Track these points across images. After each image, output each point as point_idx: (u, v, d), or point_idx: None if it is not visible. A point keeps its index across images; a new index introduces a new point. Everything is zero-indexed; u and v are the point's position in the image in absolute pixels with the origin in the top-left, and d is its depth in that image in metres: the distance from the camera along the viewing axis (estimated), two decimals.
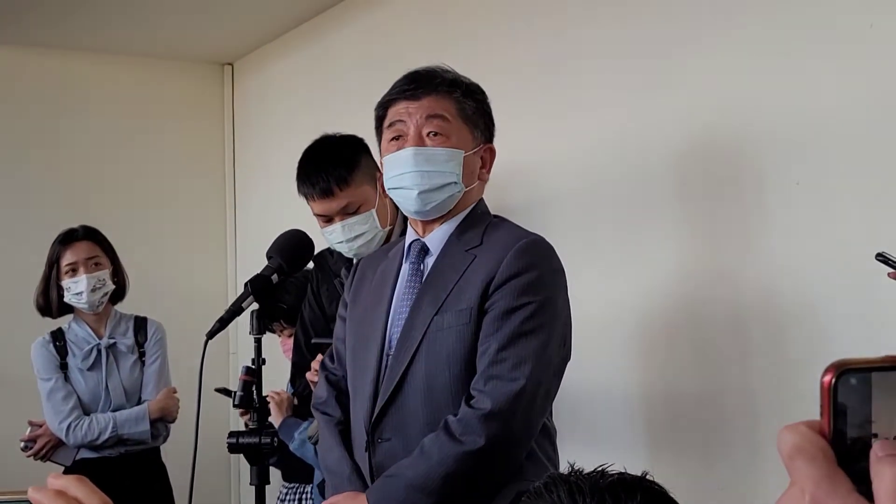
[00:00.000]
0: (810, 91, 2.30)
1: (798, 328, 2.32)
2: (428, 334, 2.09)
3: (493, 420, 1.97)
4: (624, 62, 2.77)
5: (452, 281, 2.10)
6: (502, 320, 2.03)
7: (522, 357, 2.00)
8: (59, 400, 3.45)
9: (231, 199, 4.95)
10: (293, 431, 2.99)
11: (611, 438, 2.82)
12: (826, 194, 2.26)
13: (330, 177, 2.60)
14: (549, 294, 2.06)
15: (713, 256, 2.54)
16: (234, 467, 4.74)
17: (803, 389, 2.31)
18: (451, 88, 2.14)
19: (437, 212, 2.15)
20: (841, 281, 2.24)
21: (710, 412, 2.55)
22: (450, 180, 2.11)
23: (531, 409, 2.02)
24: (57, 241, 3.50)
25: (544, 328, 2.03)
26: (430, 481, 2.00)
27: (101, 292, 3.48)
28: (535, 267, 2.05)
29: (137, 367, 3.55)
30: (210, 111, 4.96)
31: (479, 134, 2.16)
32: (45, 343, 3.52)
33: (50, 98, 4.61)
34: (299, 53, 4.42)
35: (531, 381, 1.99)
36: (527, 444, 2.05)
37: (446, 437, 2.00)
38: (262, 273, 2.44)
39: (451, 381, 2.06)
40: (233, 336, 4.56)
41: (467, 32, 3.36)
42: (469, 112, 2.14)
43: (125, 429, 3.43)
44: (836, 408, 0.63)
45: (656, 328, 2.69)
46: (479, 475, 2.01)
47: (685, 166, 2.61)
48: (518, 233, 2.13)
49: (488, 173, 2.20)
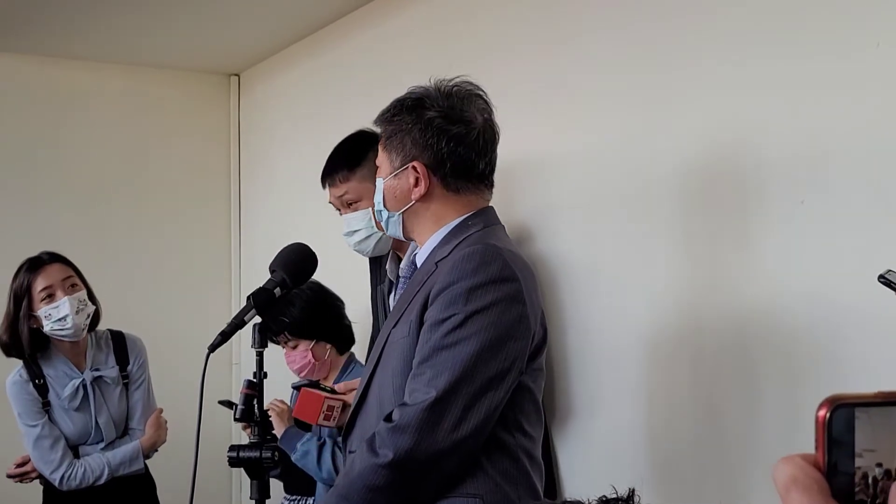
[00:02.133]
0: (816, 108, 2.29)
1: (801, 344, 2.31)
2: (386, 347, 2.15)
3: (401, 433, 1.99)
4: (630, 75, 2.77)
5: (412, 294, 2.13)
6: (430, 332, 2.04)
7: (440, 370, 2.00)
8: (47, 449, 3.26)
9: (236, 209, 4.95)
10: (295, 442, 2.99)
11: (610, 450, 2.81)
12: (830, 213, 2.25)
13: (335, 166, 2.80)
14: (481, 304, 2.01)
15: (716, 270, 2.53)
16: (236, 481, 4.73)
17: (805, 404, 2.30)
18: (384, 116, 2.21)
19: (394, 236, 2.28)
20: (845, 300, 2.23)
21: (711, 425, 2.54)
22: (378, 209, 2.22)
23: (445, 422, 1.99)
24: (22, 269, 3.26)
25: (470, 339, 2.00)
26: (353, 492, 2.05)
27: (85, 314, 3.26)
28: (468, 277, 2.02)
29: (124, 395, 3.39)
30: (216, 122, 4.97)
31: (396, 156, 2.17)
32: (22, 383, 3.27)
33: (54, 107, 4.61)
34: (306, 65, 4.42)
35: (444, 394, 1.98)
36: (451, 456, 2.01)
37: (367, 449, 2.04)
38: (264, 286, 2.44)
39: (394, 394, 2.10)
40: (235, 347, 4.55)
41: (473, 44, 3.36)
42: (387, 136, 2.19)
43: (120, 471, 3.31)
44: (831, 441, 0.64)
45: (658, 340, 2.68)
46: (397, 487, 2.02)
47: (690, 180, 2.60)
48: (475, 241, 2.10)
49: (422, 190, 2.15)
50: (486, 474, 2.06)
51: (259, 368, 2.47)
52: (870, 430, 0.66)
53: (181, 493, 2.53)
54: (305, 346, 3.12)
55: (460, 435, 2.00)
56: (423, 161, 2.14)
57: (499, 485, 2.06)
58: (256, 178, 4.84)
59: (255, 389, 2.46)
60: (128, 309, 4.18)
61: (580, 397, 2.88)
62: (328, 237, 2.88)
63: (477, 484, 2.05)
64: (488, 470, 2.06)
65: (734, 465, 2.47)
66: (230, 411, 2.80)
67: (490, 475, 2.06)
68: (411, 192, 2.16)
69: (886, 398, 0.66)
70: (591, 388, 2.86)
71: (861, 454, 0.65)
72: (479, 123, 2.16)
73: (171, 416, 3.55)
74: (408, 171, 2.15)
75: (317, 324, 3.12)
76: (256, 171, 4.85)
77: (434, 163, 2.14)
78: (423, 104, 2.15)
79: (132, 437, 3.41)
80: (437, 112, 2.14)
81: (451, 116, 2.14)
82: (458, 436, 2.00)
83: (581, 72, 2.94)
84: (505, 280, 2.05)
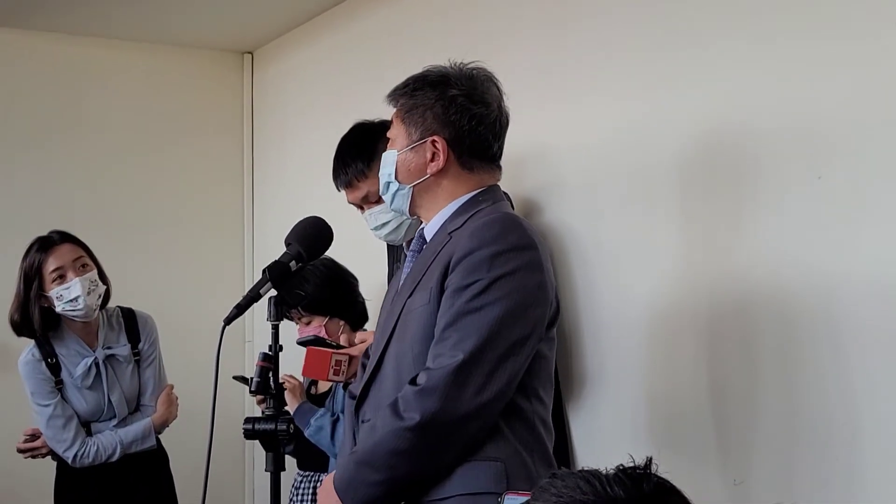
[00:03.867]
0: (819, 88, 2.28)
1: (810, 323, 2.31)
2: (402, 317, 2.16)
3: (428, 396, 2.01)
4: (637, 54, 2.77)
5: (427, 264, 2.15)
6: (453, 298, 2.06)
7: (465, 334, 2.02)
8: (60, 428, 3.29)
9: (249, 186, 4.96)
10: (308, 417, 3.00)
11: (615, 428, 2.82)
12: (832, 191, 2.25)
13: (349, 169, 2.74)
14: (504, 270, 2.05)
15: (719, 244, 2.54)
16: (249, 453, 4.76)
17: (812, 385, 2.31)
18: (404, 90, 2.22)
19: (399, 210, 2.28)
20: (843, 277, 2.23)
21: (714, 396, 2.54)
22: (385, 181, 2.23)
23: (470, 385, 2.01)
24: (33, 249, 3.26)
25: (494, 305, 2.03)
26: (376, 457, 2.06)
27: (97, 294, 3.27)
28: (490, 244, 2.06)
29: (136, 372, 3.41)
30: (230, 100, 4.97)
31: (416, 130, 2.18)
32: (35, 363, 3.29)
33: (67, 84, 4.61)
34: (320, 42, 4.42)
35: (471, 357, 2.01)
36: (475, 420, 2.04)
37: (390, 414, 2.05)
38: (280, 260, 2.45)
39: (414, 362, 2.11)
40: (248, 323, 4.57)
41: (487, 22, 3.36)
42: (407, 110, 2.20)
43: (132, 448, 3.34)
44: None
45: (664, 319, 2.69)
46: (422, 451, 2.04)
47: (694, 157, 2.61)
48: (490, 212, 2.15)
49: (438, 165, 2.17)
50: (505, 439, 2.08)
51: (274, 342, 2.49)
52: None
53: (196, 467, 2.55)
54: (319, 323, 3.13)
55: (484, 398, 2.02)
56: (443, 136, 2.17)
57: (517, 450, 2.09)
58: (270, 155, 4.85)
59: (270, 362, 2.48)
60: (142, 285, 4.21)
61: (589, 368, 2.90)
62: (342, 214, 2.88)
63: (498, 448, 2.07)
64: (508, 435, 2.09)
65: (737, 434, 2.48)
66: (244, 386, 2.83)
67: (510, 440, 2.09)
68: (427, 167, 2.19)
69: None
70: (598, 359, 2.87)
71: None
72: (496, 107, 2.22)
73: (184, 390, 3.57)
74: (426, 146, 2.18)
75: (330, 300, 3.12)
76: (270, 149, 4.86)
77: (454, 139, 2.18)
78: (447, 81, 2.19)
79: (144, 414, 3.43)
80: (460, 91, 2.18)
81: (472, 97, 2.19)
82: (481, 399, 2.02)
83: (586, 52, 2.94)
84: (525, 248, 2.09)
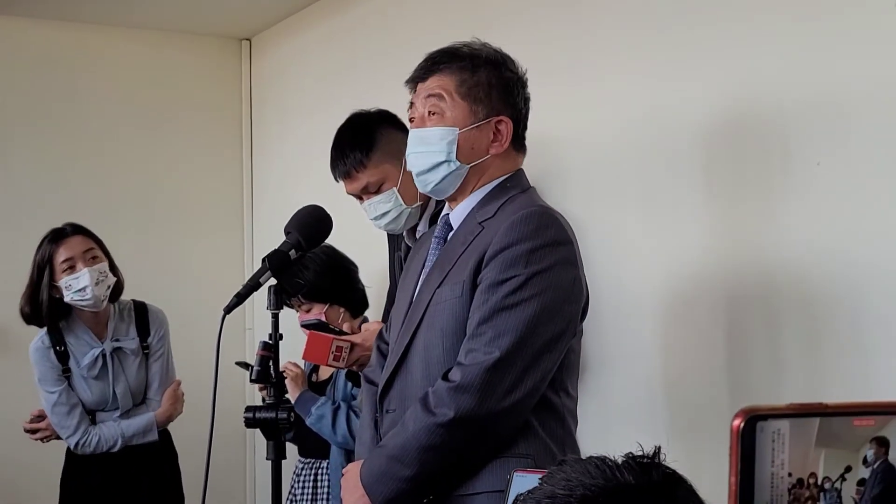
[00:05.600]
0: (838, 66, 2.27)
1: (832, 309, 2.30)
2: (430, 307, 2.12)
3: (463, 393, 1.99)
4: (650, 37, 2.76)
5: (458, 254, 2.12)
6: (488, 293, 2.03)
7: (502, 330, 2.00)
8: (64, 415, 3.36)
9: (248, 174, 4.95)
10: (310, 406, 3.00)
11: (631, 416, 2.82)
12: (852, 170, 2.24)
13: (347, 160, 2.69)
14: (541, 267, 2.03)
15: (737, 234, 2.53)
16: (250, 442, 4.76)
17: (829, 368, 2.30)
18: (460, 63, 2.14)
19: (441, 192, 2.19)
20: (865, 255, 2.22)
21: (734, 391, 2.54)
22: (440, 160, 2.12)
23: (505, 383, 2.00)
24: (45, 240, 3.35)
25: (531, 301, 2.01)
26: (406, 452, 2.04)
27: (105, 285, 3.33)
28: (527, 239, 2.03)
29: (143, 366, 3.46)
30: (227, 87, 4.95)
31: (482, 108, 2.12)
32: (44, 350, 3.37)
33: (64, 71, 4.59)
34: (319, 29, 4.40)
35: (507, 355, 1.99)
36: (508, 417, 2.03)
37: (422, 409, 2.03)
38: (280, 248, 2.44)
39: (444, 354, 2.09)
40: (248, 312, 4.57)
41: (493, 6, 3.34)
42: (469, 87, 2.12)
43: (133, 441, 3.39)
44: (744, 451, 0.67)
45: (679, 304, 2.68)
46: (454, 447, 2.02)
47: (710, 143, 2.60)
48: (526, 204, 2.11)
49: (503, 146, 2.15)
50: (536, 435, 2.07)
51: (274, 330, 2.49)
52: (782, 440, 0.69)
53: (197, 454, 2.55)
54: (319, 310, 3.13)
55: (518, 396, 2.01)
56: (509, 117, 2.15)
57: (547, 445, 2.07)
58: (269, 142, 4.84)
59: (270, 351, 2.48)
60: (141, 274, 4.18)
61: (596, 353, 2.89)
62: (342, 201, 2.87)
63: (528, 444, 2.06)
64: (538, 431, 2.07)
65: None
66: (244, 374, 2.82)
67: (540, 436, 2.07)
68: (490, 147, 2.15)
69: (798, 410, 0.70)
70: (606, 344, 2.86)
71: (774, 463, 0.69)
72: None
73: (185, 379, 3.58)
74: (491, 125, 2.14)
75: (330, 287, 3.13)
76: (269, 136, 4.84)
77: (515, 121, 2.17)
78: (504, 63, 2.16)
79: (149, 408, 3.47)
80: (514, 73, 2.17)
81: (522, 80, 2.19)
82: (516, 397, 2.01)
83: (601, 29, 2.92)
84: (561, 243, 2.07)
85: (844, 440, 0.73)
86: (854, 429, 0.74)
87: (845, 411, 0.74)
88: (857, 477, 0.77)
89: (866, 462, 0.77)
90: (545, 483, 1.04)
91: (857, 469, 0.77)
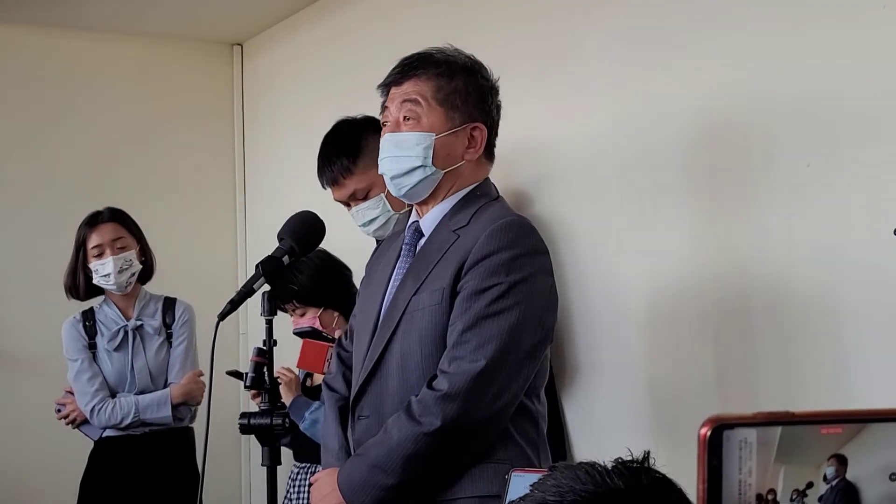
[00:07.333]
0: (823, 70, 2.28)
1: (806, 311, 2.32)
2: (406, 314, 2.12)
3: (450, 401, 2.00)
4: (634, 43, 2.77)
5: (434, 261, 2.12)
6: (470, 301, 2.04)
7: (486, 338, 2.01)
8: (85, 382, 3.52)
9: (241, 180, 4.95)
10: (303, 411, 3.00)
11: (615, 421, 2.83)
12: (836, 176, 2.26)
13: (334, 167, 2.72)
14: (522, 275, 2.05)
15: (721, 239, 2.54)
16: (245, 448, 4.76)
17: (809, 375, 2.31)
18: (436, 69, 2.15)
19: (415, 196, 2.19)
20: (848, 260, 2.24)
21: (715, 395, 2.55)
22: (416, 164, 2.13)
23: (490, 391, 2.01)
24: (83, 223, 3.57)
25: (513, 309, 2.03)
26: (390, 461, 2.04)
27: (129, 273, 3.54)
28: (508, 248, 2.05)
29: (164, 349, 3.61)
30: (219, 92, 4.95)
31: (458, 115, 2.13)
32: (74, 323, 3.59)
33: (55, 79, 4.60)
34: (310, 33, 4.41)
35: (493, 363, 2.00)
36: (492, 425, 2.05)
37: (406, 418, 2.03)
38: (273, 255, 2.45)
39: (422, 361, 2.09)
40: (243, 317, 4.57)
41: (480, 12, 3.35)
42: (446, 93, 2.13)
43: (147, 414, 3.50)
44: (711, 460, 0.68)
45: (663, 310, 2.69)
46: (439, 456, 2.03)
47: (696, 148, 2.61)
48: (502, 213, 2.13)
49: (477, 153, 2.16)
50: (513, 440, 2.09)
51: (268, 336, 2.49)
52: (749, 448, 0.70)
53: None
54: (313, 314, 3.13)
55: (502, 403, 2.03)
56: (484, 124, 2.17)
57: (524, 450, 2.10)
58: (261, 148, 4.84)
59: (264, 357, 2.48)
60: None
61: (584, 357, 2.90)
62: (334, 205, 2.88)
63: (506, 450, 2.07)
64: (515, 436, 2.09)
65: None
66: (239, 381, 2.82)
67: (517, 441, 2.10)
68: (464, 153, 2.17)
69: (765, 418, 0.71)
70: (594, 348, 2.88)
71: (741, 471, 0.70)
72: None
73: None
74: (466, 131, 2.16)
75: (324, 292, 3.13)
76: (261, 142, 4.85)
77: (489, 128, 2.18)
78: (479, 70, 2.18)
79: None
80: (488, 81, 2.19)
81: (495, 88, 2.21)
82: (500, 404, 2.03)
83: (583, 36, 2.94)
84: (540, 252, 2.11)
85: (811, 450, 0.73)
86: (821, 437, 0.74)
87: (813, 419, 0.74)
88: (818, 493, 0.78)
89: (826, 479, 0.77)
90: (536, 490, 1.05)
91: (818, 486, 0.77)
